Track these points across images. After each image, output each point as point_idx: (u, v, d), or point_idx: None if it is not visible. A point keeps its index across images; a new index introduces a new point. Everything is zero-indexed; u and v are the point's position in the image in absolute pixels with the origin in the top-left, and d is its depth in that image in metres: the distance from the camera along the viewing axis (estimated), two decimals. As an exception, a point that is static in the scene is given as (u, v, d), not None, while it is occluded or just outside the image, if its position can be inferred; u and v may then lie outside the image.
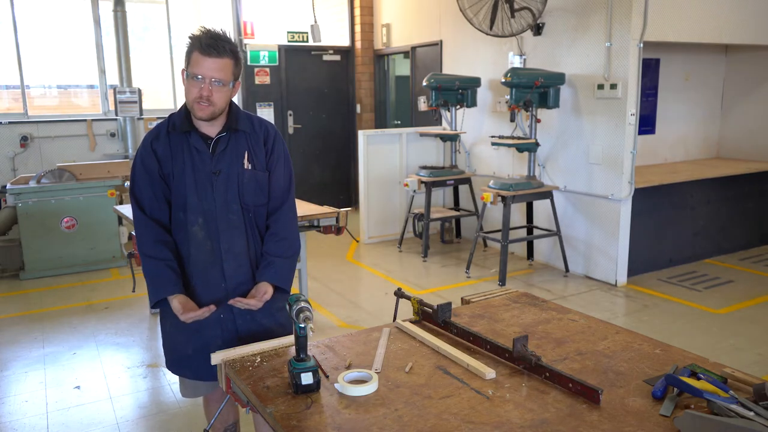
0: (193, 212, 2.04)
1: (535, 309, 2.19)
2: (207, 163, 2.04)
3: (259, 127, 2.13)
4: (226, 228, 2.06)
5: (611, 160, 5.22)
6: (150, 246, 2.03)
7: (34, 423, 3.24)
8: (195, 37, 1.95)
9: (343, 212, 4.16)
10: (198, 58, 1.92)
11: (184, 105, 2.06)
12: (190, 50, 1.95)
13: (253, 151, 2.09)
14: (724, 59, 6.68)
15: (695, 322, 4.50)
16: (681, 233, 5.86)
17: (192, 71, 1.94)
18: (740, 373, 1.61)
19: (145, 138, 2.09)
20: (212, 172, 2.04)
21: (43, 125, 6.95)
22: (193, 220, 2.05)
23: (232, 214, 2.07)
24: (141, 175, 2.05)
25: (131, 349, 4.17)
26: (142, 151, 2.05)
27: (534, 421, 1.44)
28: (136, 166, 2.07)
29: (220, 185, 2.04)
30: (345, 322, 4.57)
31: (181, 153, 2.03)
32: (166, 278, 2.01)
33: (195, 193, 2.03)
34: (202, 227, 2.05)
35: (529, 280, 5.55)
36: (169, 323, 2.15)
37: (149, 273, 2.04)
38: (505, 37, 5.67)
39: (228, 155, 2.05)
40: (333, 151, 8.72)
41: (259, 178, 2.11)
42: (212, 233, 2.06)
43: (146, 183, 2.04)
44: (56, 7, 7.21)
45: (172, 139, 2.05)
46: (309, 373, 1.60)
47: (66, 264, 5.84)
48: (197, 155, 2.03)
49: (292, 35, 8.13)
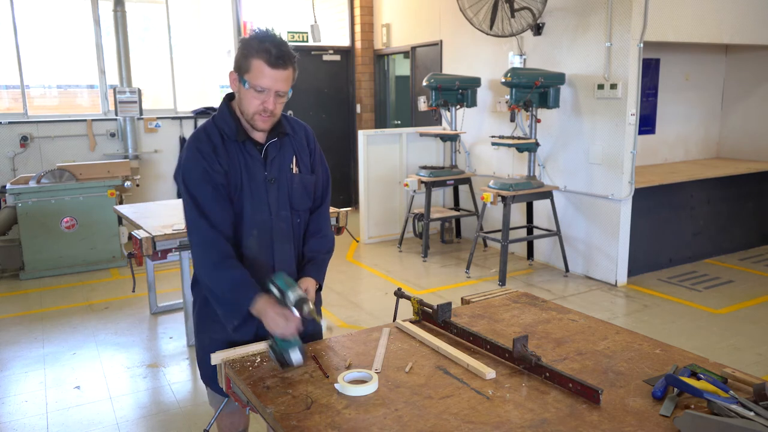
0: (248, 224, 1.95)
1: (535, 309, 2.19)
2: (261, 170, 1.95)
3: (299, 129, 2.07)
4: (278, 237, 2.00)
5: (611, 160, 5.22)
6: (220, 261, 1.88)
7: (34, 423, 3.24)
8: (259, 45, 1.81)
9: (343, 212, 4.16)
10: (263, 69, 1.81)
11: (227, 109, 1.95)
12: (251, 58, 1.82)
13: (299, 154, 2.04)
14: (724, 59, 6.68)
15: (695, 322, 4.50)
16: (681, 233, 5.86)
17: (256, 83, 1.82)
18: (740, 373, 1.61)
19: (199, 149, 1.90)
20: (267, 179, 1.96)
21: (43, 125, 6.95)
22: (249, 232, 1.96)
23: (282, 222, 2.00)
24: (206, 189, 1.88)
25: (131, 349, 4.17)
26: (205, 164, 1.88)
27: (534, 421, 1.44)
28: (199, 181, 1.88)
29: (273, 193, 1.97)
30: (345, 322, 4.57)
31: (238, 162, 1.93)
32: (249, 281, 1.87)
33: (251, 204, 1.94)
34: (256, 238, 1.97)
35: (529, 280, 5.55)
36: (213, 335, 2.02)
37: (228, 284, 1.87)
38: (505, 37, 5.67)
39: (278, 161, 1.99)
40: (333, 151, 8.71)
41: (306, 182, 2.05)
42: (265, 244, 1.98)
43: (212, 197, 1.88)
44: (56, 7, 7.21)
45: (228, 149, 1.92)
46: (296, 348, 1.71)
47: (66, 264, 5.84)
48: (252, 163, 1.94)
49: (292, 35, 8.13)
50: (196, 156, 1.89)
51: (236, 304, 1.87)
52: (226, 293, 1.88)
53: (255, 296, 1.84)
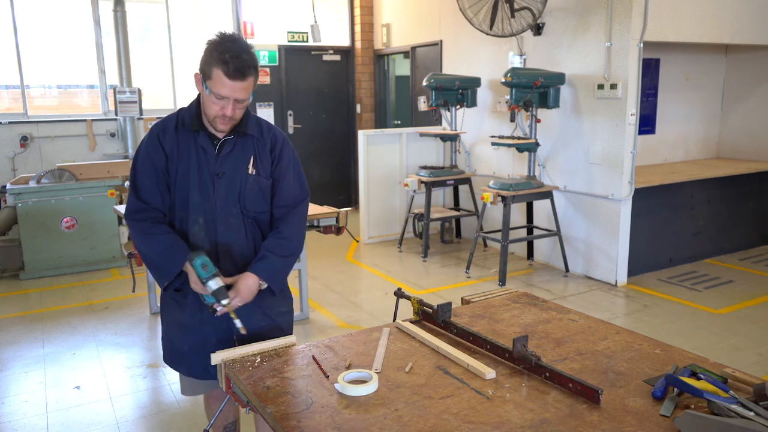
0: (194, 211, 2.03)
1: (535, 309, 2.19)
2: (211, 163, 2.02)
3: (267, 133, 2.11)
4: (225, 230, 2.06)
5: (611, 160, 5.22)
6: (151, 226, 2.00)
7: (34, 423, 3.24)
8: (220, 56, 1.85)
9: (343, 212, 4.16)
10: (222, 79, 1.87)
11: (196, 102, 2.05)
12: (212, 66, 1.87)
13: (259, 157, 2.07)
14: (724, 59, 6.68)
15: (695, 322, 4.50)
16: (681, 233, 5.86)
17: (216, 91, 1.89)
18: (740, 373, 1.61)
19: (151, 130, 2.06)
20: (215, 173, 2.02)
21: (43, 125, 6.95)
22: (195, 219, 2.04)
23: (231, 218, 2.06)
24: (144, 165, 2.03)
25: (131, 349, 4.17)
26: (148, 142, 2.03)
27: (534, 421, 1.44)
28: (140, 157, 2.04)
29: (221, 187, 2.03)
30: (345, 322, 4.57)
31: (187, 150, 2.02)
32: (181, 246, 1.99)
33: (198, 192, 2.02)
34: (202, 227, 2.05)
35: (529, 280, 5.55)
36: (171, 317, 2.15)
37: (159, 247, 1.98)
38: (505, 37, 5.67)
39: (233, 158, 2.04)
40: (333, 151, 8.72)
41: (262, 185, 2.09)
42: (211, 233, 2.05)
43: (149, 174, 2.02)
44: (56, 7, 7.21)
45: (179, 136, 2.03)
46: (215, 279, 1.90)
47: (66, 264, 5.84)
48: (203, 155, 2.02)
49: (292, 35, 8.13)
50: (148, 136, 2.06)
51: (167, 265, 1.99)
52: (159, 255, 1.99)
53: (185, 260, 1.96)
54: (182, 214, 2.05)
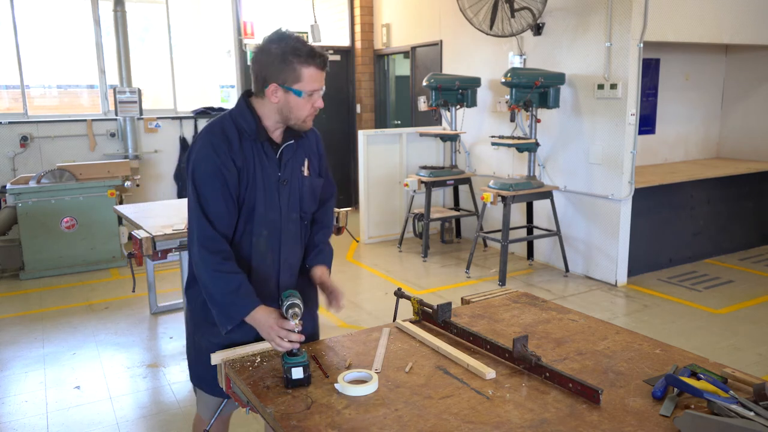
0: (259, 223, 1.94)
1: (535, 309, 2.19)
2: (276, 171, 1.94)
3: (310, 133, 2.06)
4: (287, 239, 2.00)
5: (611, 160, 5.22)
6: (222, 262, 1.85)
7: (34, 423, 3.24)
8: (305, 52, 1.81)
9: (343, 212, 4.16)
10: (314, 74, 1.83)
11: (246, 107, 1.91)
12: (298, 65, 1.81)
13: (309, 158, 2.05)
14: (724, 59, 6.68)
15: (695, 322, 4.50)
16: (681, 233, 5.86)
17: (311, 89, 1.84)
18: (740, 373, 1.61)
19: (214, 145, 1.86)
20: (280, 180, 1.95)
21: (43, 125, 6.94)
22: (258, 232, 1.95)
23: (291, 224, 2.01)
24: (215, 186, 1.85)
25: (131, 349, 4.17)
26: (218, 160, 1.84)
27: (534, 421, 1.44)
28: (208, 177, 1.84)
29: (285, 194, 1.97)
30: (345, 322, 4.57)
31: (253, 162, 1.90)
32: (248, 290, 1.85)
33: (263, 204, 1.93)
34: (266, 239, 1.96)
35: (529, 280, 5.55)
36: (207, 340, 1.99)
37: (227, 288, 1.83)
38: (505, 37, 5.67)
39: (292, 163, 1.99)
40: (333, 151, 8.70)
41: (315, 185, 2.07)
42: (274, 244, 1.98)
43: (219, 196, 1.85)
44: (56, 7, 7.21)
45: (244, 147, 1.89)
46: (300, 368, 1.62)
47: (66, 264, 5.84)
48: (268, 163, 1.93)
49: (292, 35, 8.11)
50: (209, 151, 1.85)
51: (232, 309, 1.84)
52: (225, 296, 1.84)
53: (252, 307, 1.82)
54: (246, 227, 1.94)
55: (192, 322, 2.08)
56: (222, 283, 1.83)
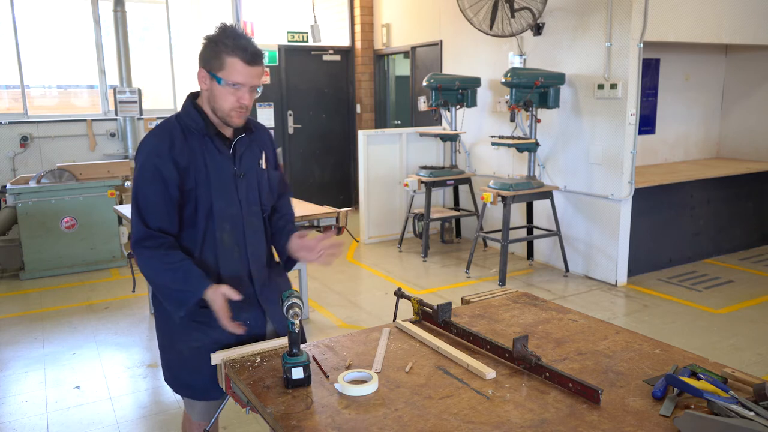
0: (220, 219, 1.93)
1: (535, 309, 2.19)
2: (230, 166, 1.95)
3: (261, 127, 2.12)
4: (251, 232, 2.01)
5: (611, 160, 5.22)
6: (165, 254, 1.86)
7: (34, 423, 3.24)
8: (234, 43, 1.82)
9: (343, 212, 4.16)
10: (240, 66, 1.82)
11: (192, 106, 1.94)
12: (224, 56, 1.82)
13: (265, 151, 2.08)
14: (724, 59, 6.68)
15: (695, 322, 4.50)
16: (681, 233, 5.86)
17: (233, 80, 1.83)
18: (740, 373, 1.61)
19: (155, 146, 1.88)
20: (236, 174, 1.96)
21: (43, 125, 6.95)
22: (221, 227, 1.94)
23: (253, 217, 2.02)
24: (153, 186, 1.86)
25: (131, 349, 4.17)
26: (155, 159, 1.85)
27: (534, 421, 1.44)
28: (145, 178, 1.86)
29: (243, 188, 1.97)
30: (345, 322, 4.57)
31: (202, 158, 1.90)
32: (198, 274, 1.85)
33: (221, 199, 1.93)
34: (229, 234, 1.96)
35: (529, 280, 5.55)
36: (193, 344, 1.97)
37: (176, 276, 1.84)
38: (505, 37, 5.67)
39: (247, 157, 2.00)
40: (333, 151, 8.72)
41: (272, 177, 2.10)
42: (239, 239, 1.98)
43: (158, 196, 1.86)
44: (56, 7, 7.21)
45: (189, 145, 1.89)
46: (300, 368, 1.62)
47: (66, 264, 5.84)
48: (219, 158, 1.93)
49: (292, 35, 8.13)
50: (156, 154, 1.87)
51: (184, 296, 1.85)
52: (176, 283, 1.85)
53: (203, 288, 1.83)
54: (208, 224, 1.93)
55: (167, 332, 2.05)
56: (171, 274, 1.85)
